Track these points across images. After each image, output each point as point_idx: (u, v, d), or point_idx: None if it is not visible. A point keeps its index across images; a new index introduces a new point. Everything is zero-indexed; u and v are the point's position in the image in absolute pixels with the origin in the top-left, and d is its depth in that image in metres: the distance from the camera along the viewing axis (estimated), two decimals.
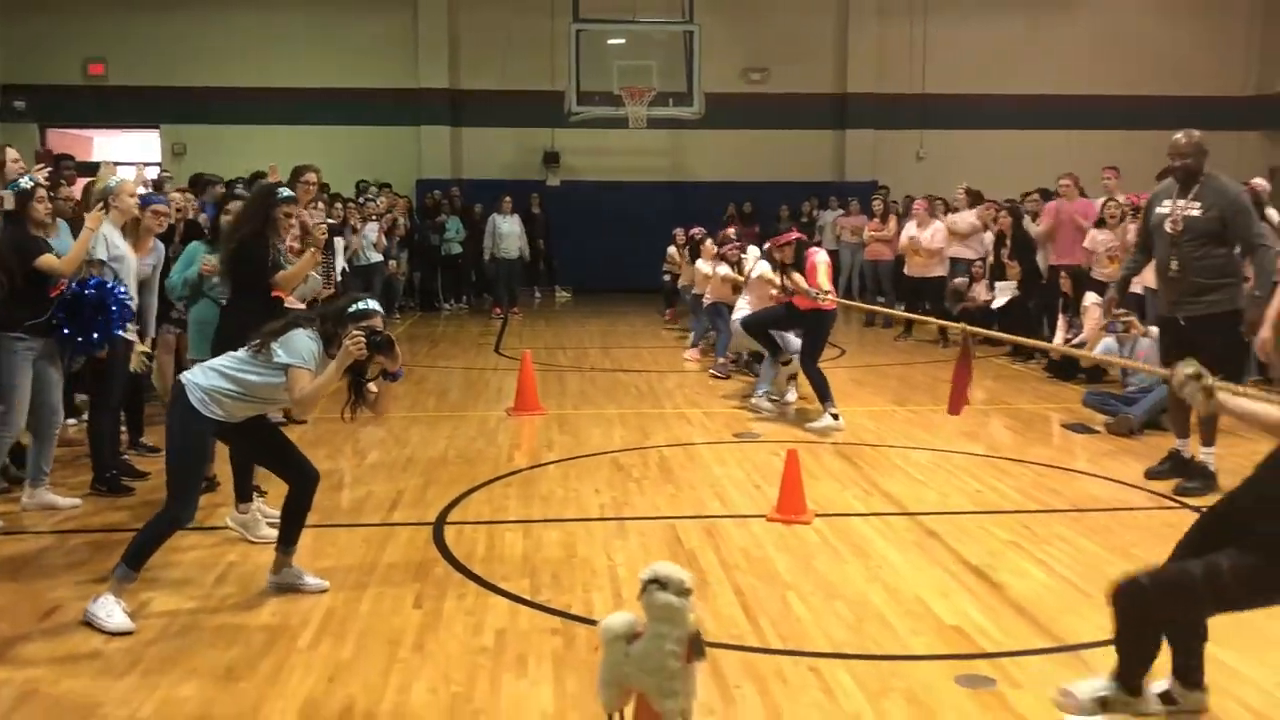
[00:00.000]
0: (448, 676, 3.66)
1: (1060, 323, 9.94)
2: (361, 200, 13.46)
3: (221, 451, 5.26)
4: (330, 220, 7.78)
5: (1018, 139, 18.92)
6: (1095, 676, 3.35)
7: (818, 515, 5.53)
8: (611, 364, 11.00)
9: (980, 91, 19.26)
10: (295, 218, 5.71)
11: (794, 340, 8.27)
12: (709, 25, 17.30)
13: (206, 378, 4.16)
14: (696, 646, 2.49)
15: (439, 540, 5.19)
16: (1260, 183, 9.02)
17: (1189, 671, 3.31)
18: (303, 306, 6.55)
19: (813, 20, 19.39)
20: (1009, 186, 13.73)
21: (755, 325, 8.41)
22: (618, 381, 9.88)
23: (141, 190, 6.99)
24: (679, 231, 13.29)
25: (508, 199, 15.71)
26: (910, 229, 12.39)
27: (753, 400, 8.42)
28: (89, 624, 4.02)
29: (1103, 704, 3.25)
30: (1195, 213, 5.90)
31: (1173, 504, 5.82)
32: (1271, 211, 8.47)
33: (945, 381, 6.65)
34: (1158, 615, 3.19)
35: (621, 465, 6.70)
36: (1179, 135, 5.96)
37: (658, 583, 2.52)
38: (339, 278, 9.24)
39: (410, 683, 3.62)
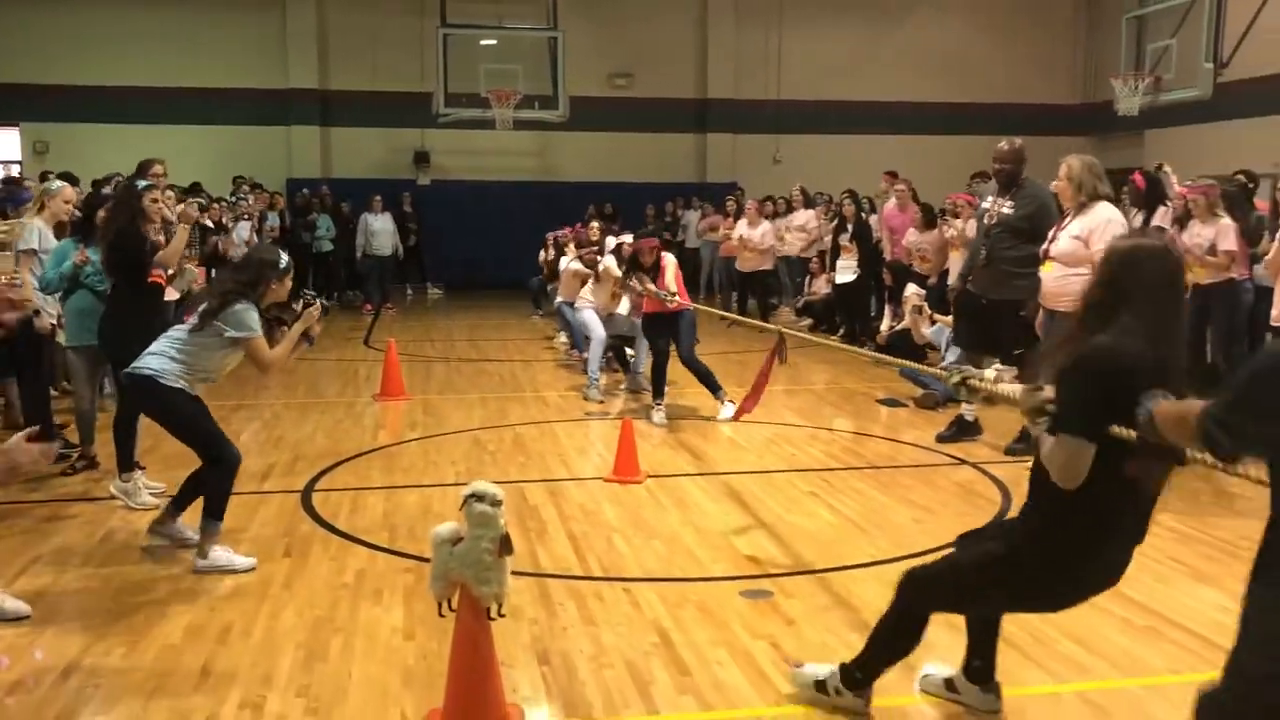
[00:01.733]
0: (312, 604, 4.28)
1: (887, 311, 10.93)
2: (234, 199, 13.75)
3: (104, 428, 5.74)
4: (200, 201, 8.16)
5: (866, 143, 20.02)
6: (827, 664, 3.44)
7: (650, 476, 6.28)
8: (478, 354, 11.61)
9: (831, 98, 20.36)
10: (162, 203, 6.19)
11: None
12: (576, 31, 18.02)
13: (161, 363, 4.61)
14: (505, 545, 3.17)
15: (307, 505, 5.76)
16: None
17: (972, 666, 3.39)
18: (177, 296, 7.04)
19: (675, 28, 20.23)
20: (859, 188, 14.78)
21: (658, 357, 8.15)
22: (482, 370, 10.51)
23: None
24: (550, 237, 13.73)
25: (378, 198, 16.14)
26: (741, 227, 13.36)
27: (589, 392, 8.69)
28: (219, 571, 4.58)
29: (819, 687, 3.35)
30: (1009, 211, 6.81)
31: (952, 460, 6.75)
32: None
33: (776, 367, 7.38)
34: (918, 607, 3.19)
35: (479, 441, 7.35)
36: (1002, 143, 6.89)
37: (476, 496, 3.19)
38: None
39: (280, 610, 4.23)
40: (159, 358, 4.66)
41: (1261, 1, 14.11)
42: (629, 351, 9.56)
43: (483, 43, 17.77)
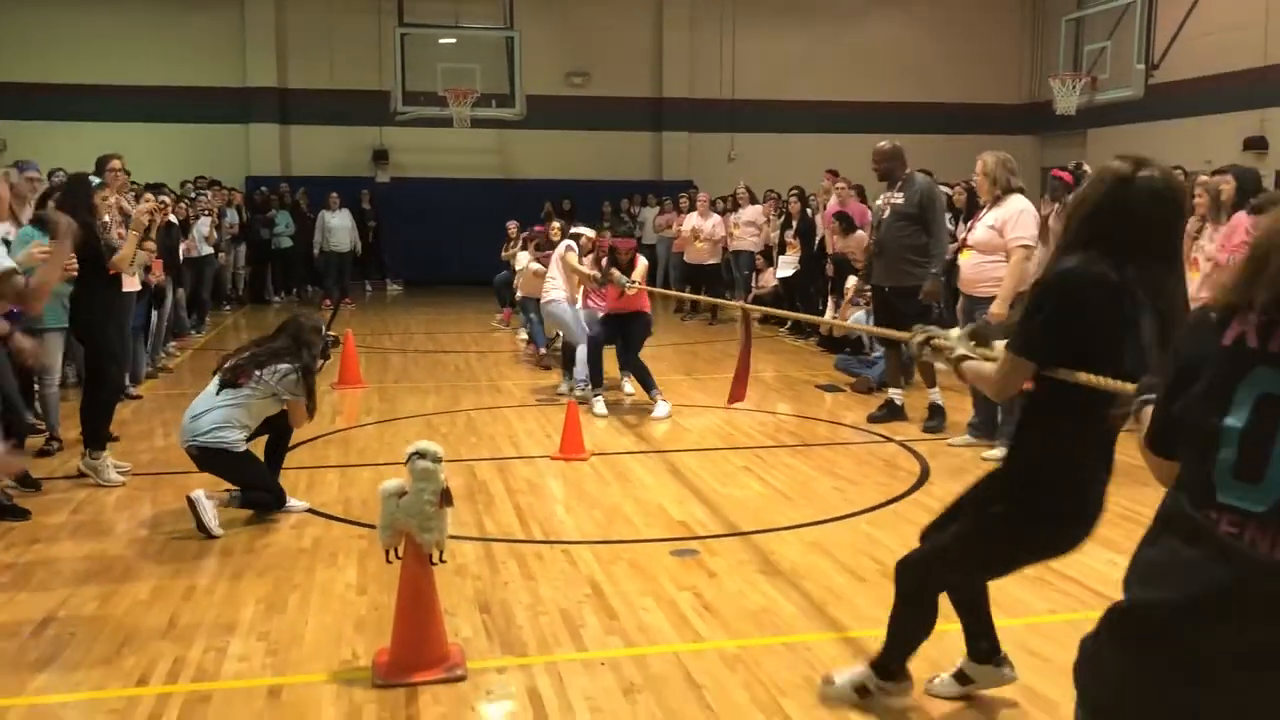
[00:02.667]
0: (272, 566, 4.60)
1: (830, 302, 11.36)
2: (194, 195, 13.95)
3: (69, 411, 6.01)
4: (154, 204, 8.36)
5: (817, 141, 20.45)
6: (856, 665, 3.39)
7: (595, 454, 6.64)
8: (434, 346, 11.91)
9: (784, 98, 20.82)
10: (114, 203, 6.45)
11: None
12: (533, 30, 18.33)
13: (230, 434, 5.20)
14: (446, 497, 3.51)
15: None
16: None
17: (977, 647, 3.39)
18: (139, 286, 7.31)
19: (631, 29, 20.60)
20: (812, 186, 15.21)
21: (593, 351, 8.24)
22: (438, 361, 10.82)
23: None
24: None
25: (334, 195, 16.39)
26: (693, 219, 13.79)
27: (576, 393, 8.40)
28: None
29: (861, 690, 3.27)
30: (899, 202, 7.28)
31: (880, 438, 7.16)
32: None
33: (726, 354, 7.74)
34: (922, 591, 3.17)
35: (432, 424, 7.68)
36: (882, 144, 7.36)
37: (419, 454, 3.53)
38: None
39: (242, 572, 4.55)
40: (228, 429, 5.19)
41: (1189, 7, 14.65)
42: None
43: (441, 41, 18.03)
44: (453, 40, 18.17)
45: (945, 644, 3.83)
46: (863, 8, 21.08)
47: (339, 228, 16.18)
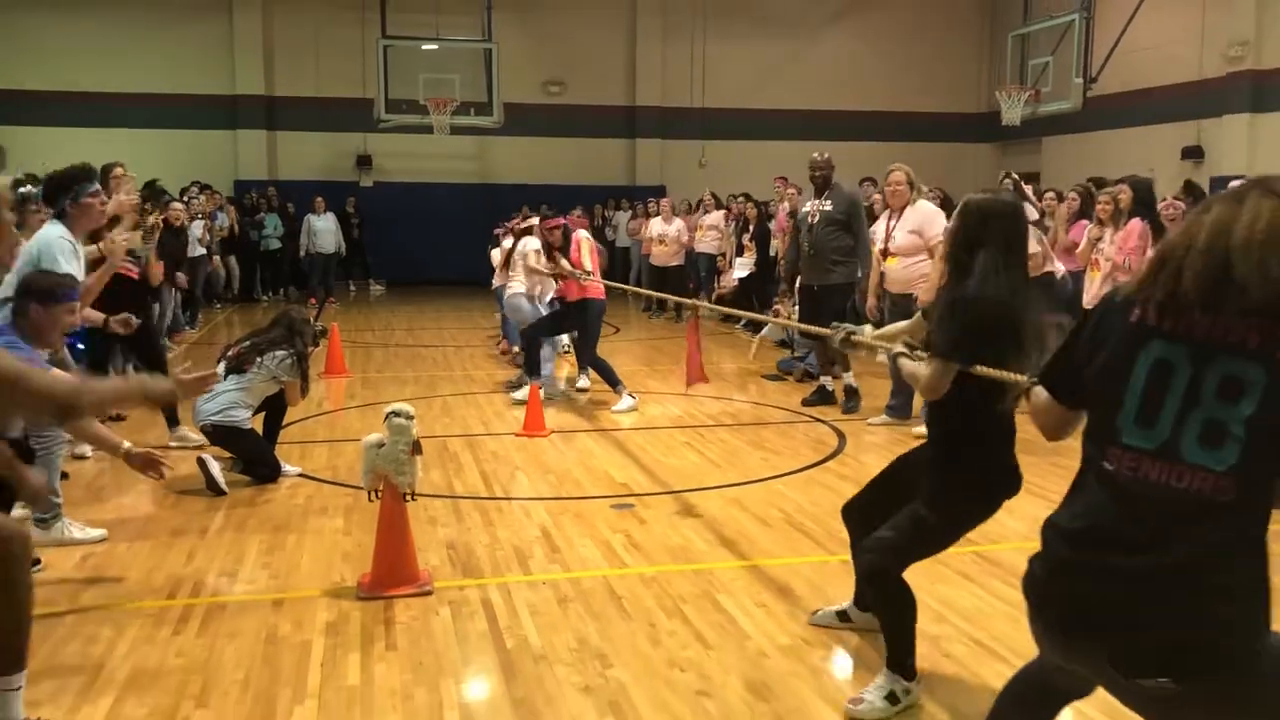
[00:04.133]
0: (272, 517, 5.44)
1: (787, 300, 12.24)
2: (186, 200, 14.71)
3: None
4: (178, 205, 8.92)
5: (785, 149, 21.10)
6: (877, 677, 3.45)
7: (554, 432, 7.49)
8: (414, 341, 12.74)
9: (752, 106, 21.69)
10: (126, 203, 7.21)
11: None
12: (511, 40, 19.18)
13: (234, 410, 6.06)
14: (416, 447, 4.34)
15: None
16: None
17: (864, 599, 3.85)
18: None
19: (605, 39, 21.48)
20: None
21: (531, 334, 8.77)
22: (417, 354, 11.65)
23: None
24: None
25: (320, 199, 17.20)
26: (657, 225, 14.67)
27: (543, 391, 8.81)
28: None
29: (891, 698, 3.35)
30: (829, 208, 8.14)
31: (810, 419, 8.03)
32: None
33: (683, 347, 8.46)
34: (889, 581, 3.39)
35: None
36: (815, 155, 8.23)
37: (394, 413, 4.37)
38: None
39: (246, 521, 5.38)
40: (236, 409, 6.07)
41: (1124, 25, 15.63)
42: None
43: (423, 49, 18.80)
44: (434, 49, 18.97)
45: (827, 572, 4.71)
46: (828, 21, 21.98)
47: (324, 230, 16.99)
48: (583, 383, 9.26)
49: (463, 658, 3.75)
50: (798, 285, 8.73)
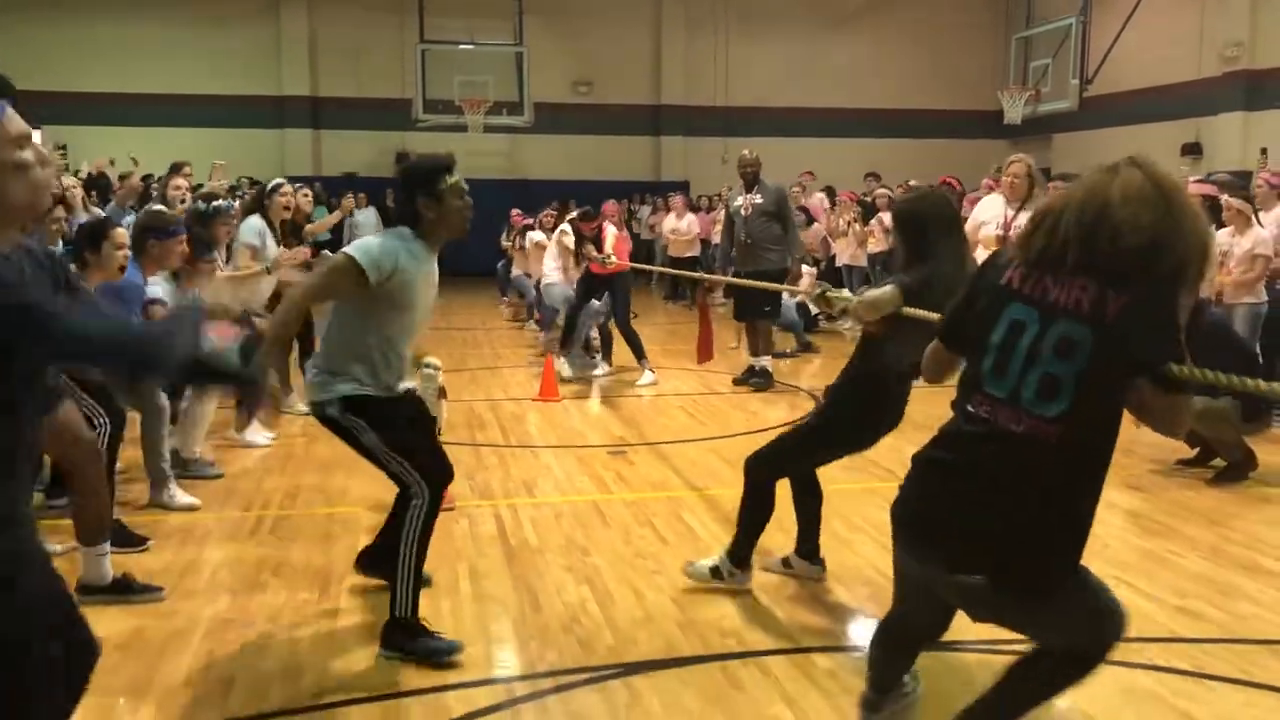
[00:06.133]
0: (324, 462, 6.51)
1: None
2: (240, 195, 15.89)
3: None
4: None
5: (807, 145, 22.04)
6: (713, 555, 4.30)
7: (567, 399, 8.53)
8: (447, 324, 13.83)
9: (774, 104, 22.57)
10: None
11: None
12: (541, 42, 20.23)
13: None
14: (442, 392, 5.40)
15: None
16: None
17: (805, 548, 4.39)
18: None
19: (631, 41, 22.46)
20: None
21: (571, 313, 9.72)
22: (448, 335, 12.74)
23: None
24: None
25: (361, 195, 18.36)
26: (670, 220, 15.69)
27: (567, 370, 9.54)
28: None
29: (714, 572, 4.18)
30: (760, 201, 8.89)
31: (738, 392, 8.95)
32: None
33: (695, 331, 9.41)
34: (763, 476, 4.15)
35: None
36: (745, 151, 9.08)
37: (426, 364, 5.43)
38: None
39: (302, 465, 6.46)
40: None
41: (1120, 28, 16.44)
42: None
43: (459, 50, 19.84)
44: (469, 52, 20.03)
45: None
46: (846, 22, 22.78)
47: (365, 223, 18.15)
48: (599, 370, 9.99)
49: (475, 550, 4.80)
50: (731, 274, 9.37)
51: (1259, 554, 4.79)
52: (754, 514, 4.19)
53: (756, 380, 9.03)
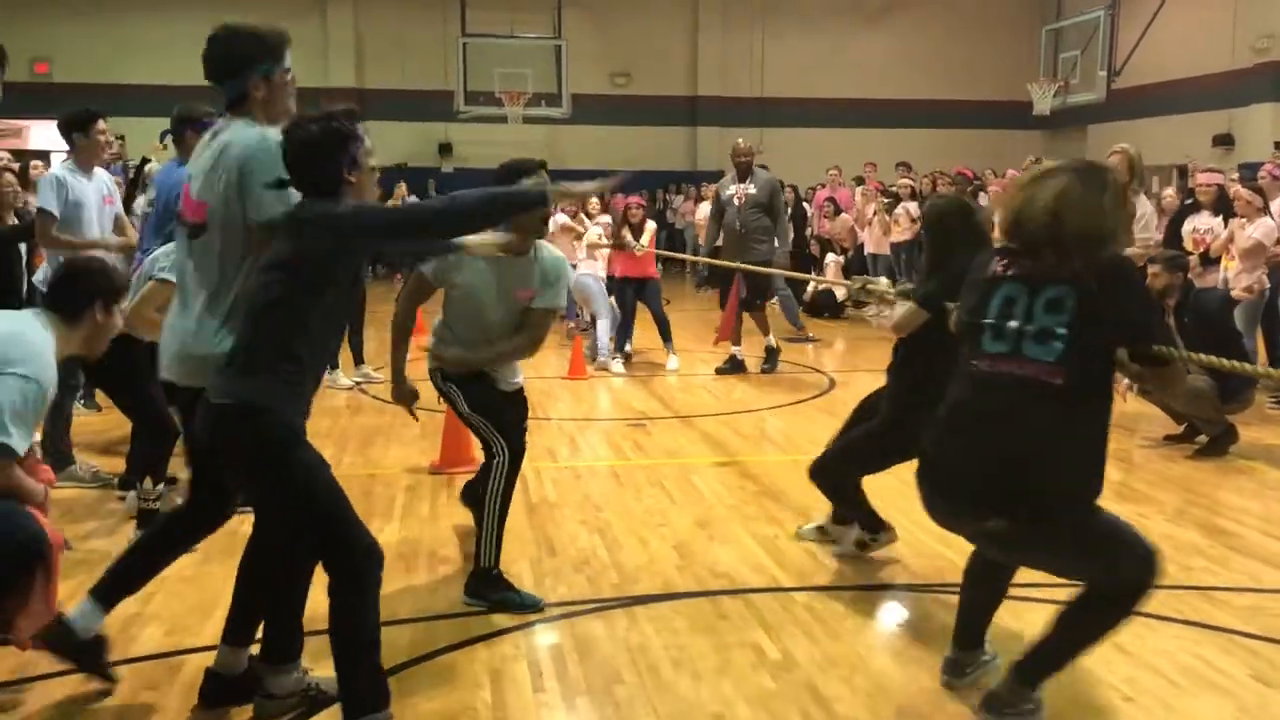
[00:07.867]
0: (352, 434, 7.04)
1: (814, 273, 13.62)
2: None
3: None
4: None
5: (841, 136, 22.39)
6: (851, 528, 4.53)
7: (593, 377, 9.02)
8: None
9: (810, 96, 22.90)
10: None
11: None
12: (580, 35, 20.69)
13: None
14: None
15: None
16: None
17: (841, 517, 4.59)
18: None
19: (668, 33, 22.88)
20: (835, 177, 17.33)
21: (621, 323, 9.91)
22: None
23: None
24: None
25: (403, 184, 18.93)
26: (704, 209, 16.05)
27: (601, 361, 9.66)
28: None
29: (860, 545, 4.47)
30: (753, 191, 9.12)
31: (806, 369, 9.44)
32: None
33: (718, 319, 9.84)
34: (841, 478, 4.37)
35: None
36: (739, 140, 9.32)
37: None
38: None
39: (330, 431, 6.99)
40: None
41: (1149, 20, 16.63)
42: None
43: (500, 42, 20.33)
44: (509, 45, 20.53)
45: (781, 468, 6.16)
46: (880, 13, 23.05)
47: None
48: (616, 367, 10.03)
49: None
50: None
51: (1219, 516, 5.17)
52: (849, 506, 4.46)
53: (766, 366, 9.31)
